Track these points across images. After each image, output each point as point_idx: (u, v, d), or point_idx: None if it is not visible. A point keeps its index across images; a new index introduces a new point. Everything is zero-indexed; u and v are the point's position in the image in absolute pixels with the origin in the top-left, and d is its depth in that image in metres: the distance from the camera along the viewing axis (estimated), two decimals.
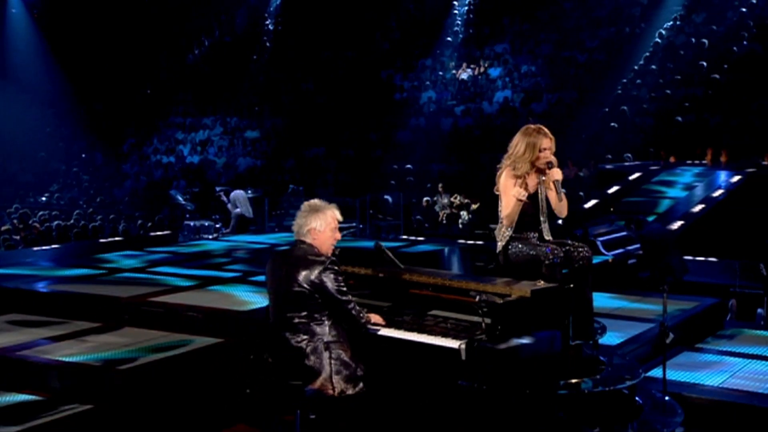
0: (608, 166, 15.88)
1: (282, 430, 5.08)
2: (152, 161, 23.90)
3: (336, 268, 4.56)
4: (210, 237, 13.18)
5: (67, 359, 6.47)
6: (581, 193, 15.69)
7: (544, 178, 5.38)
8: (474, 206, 17.05)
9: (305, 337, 4.55)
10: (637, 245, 9.73)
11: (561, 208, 5.33)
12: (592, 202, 13.77)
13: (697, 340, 7.11)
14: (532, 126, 5.55)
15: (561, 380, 4.82)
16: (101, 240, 12.81)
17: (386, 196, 17.91)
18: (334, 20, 25.88)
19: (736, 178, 13.39)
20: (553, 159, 5.40)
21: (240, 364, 6.27)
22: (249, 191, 15.56)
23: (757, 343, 7.01)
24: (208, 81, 26.09)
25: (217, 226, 14.38)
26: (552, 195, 5.34)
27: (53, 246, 12.01)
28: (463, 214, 17.17)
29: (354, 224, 14.84)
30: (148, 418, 5.84)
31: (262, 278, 8.90)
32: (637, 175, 14.34)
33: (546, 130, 5.47)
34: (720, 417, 5.48)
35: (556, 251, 4.93)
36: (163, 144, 24.79)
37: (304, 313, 4.56)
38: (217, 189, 15.83)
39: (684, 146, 16.62)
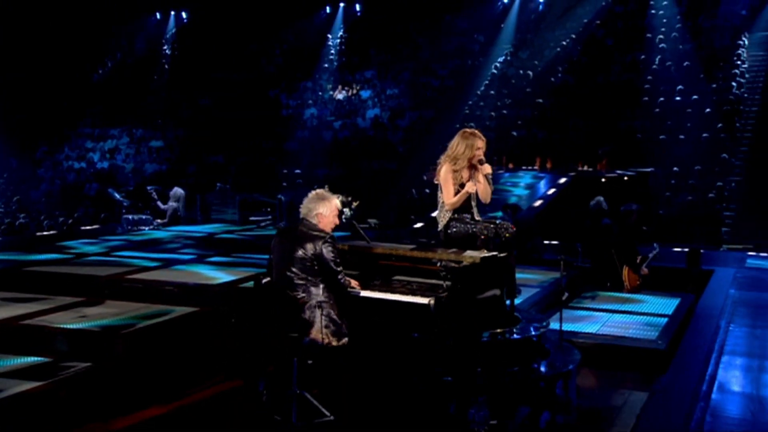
0: None
1: (264, 379, 5.44)
2: (65, 167, 22.98)
3: (334, 242, 5.04)
4: (148, 228, 13.10)
5: (69, 326, 6.56)
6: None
7: (475, 171, 5.82)
8: (354, 204, 17.71)
9: (303, 294, 4.98)
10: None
11: (486, 195, 5.81)
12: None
13: (567, 301, 7.96)
14: (468, 130, 5.88)
15: (497, 329, 5.43)
16: (39, 234, 12.50)
17: (280, 195, 18.25)
18: (224, 47, 25.78)
19: (563, 180, 14.68)
20: (483, 157, 5.77)
21: (221, 327, 6.63)
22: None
23: (611, 301, 8.01)
24: (114, 97, 25.33)
25: (159, 220, 14.22)
26: (481, 185, 5.77)
27: None
28: (346, 210, 17.78)
29: (269, 217, 15.14)
30: (147, 374, 6.06)
31: (217, 259, 9.23)
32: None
33: (479, 133, 5.81)
34: (599, 354, 6.32)
35: (489, 228, 5.60)
36: (74, 151, 23.87)
37: (304, 275, 4.97)
38: (149, 188, 15.63)
39: (519, 155, 17.97)
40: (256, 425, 5.13)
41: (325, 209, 5.14)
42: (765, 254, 12.48)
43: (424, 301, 4.88)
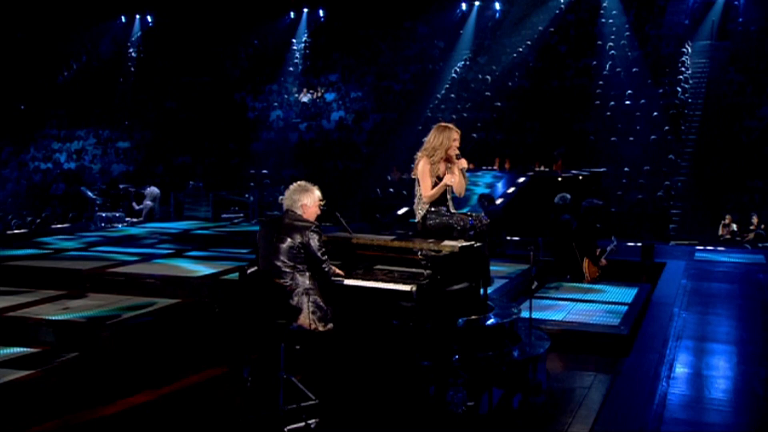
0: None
1: (249, 365, 5.47)
2: (31, 167, 22.45)
3: (320, 232, 5.08)
4: (121, 225, 12.89)
5: (54, 318, 6.48)
6: (404, 192, 16.80)
7: (450, 165, 5.89)
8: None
9: (290, 282, 5.01)
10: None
11: (461, 189, 5.88)
12: (403, 209, 14.02)
13: (536, 290, 8.11)
14: (443, 123, 5.92)
15: (473, 315, 5.53)
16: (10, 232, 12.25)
17: (248, 195, 18.16)
18: (189, 50, 25.53)
19: (521, 179, 14.91)
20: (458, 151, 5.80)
21: (204, 317, 6.62)
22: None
23: (574, 291, 8.21)
24: (80, 99, 24.86)
25: (133, 219, 14.01)
26: (456, 179, 5.78)
27: None
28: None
29: (241, 214, 15.09)
30: (134, 363, 6.04)
31: (195, 253, 9.16)
32: None
33: (454, 126, 5.85)
34: (566, 340, 6.48)
35: (465, 219, 5.71)
36: (40, 152, 23.33)
37: (291, 264, 5.00)
38: (121, 186, 15.40)
39: (479, 156, 18.20)
40: (242, 410, 5.14)
41: (308, 200, 5.18)
42: (711, 248, 12.90)
43: (406, 288, 4.95)
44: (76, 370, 5.83)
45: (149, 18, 28.18)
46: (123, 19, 28.22)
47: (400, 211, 13.33)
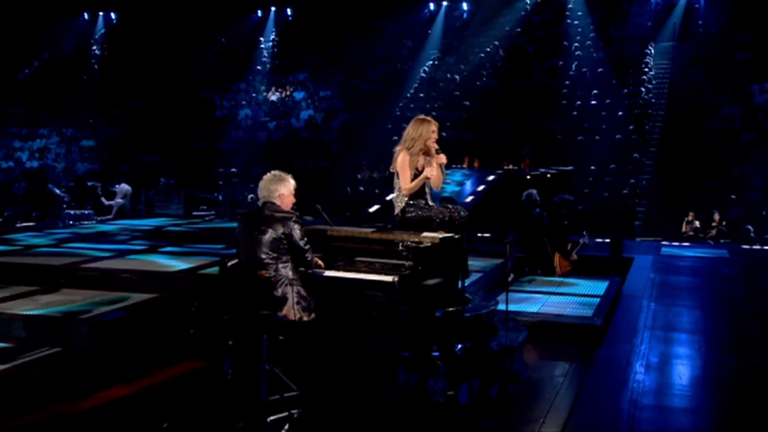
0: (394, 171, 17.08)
1: (229, 358, 5.48)
2: None
3: (301, 221, 5.09)
4: (91, 222, 12.70)
5: (28, 312, 6.39)
6: (376, 190, 16.88)
7: (429, 158, 5.96)
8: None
9: (273, 273, 5.02)
10: None
11: (439, 183, 5.96)
12: (375, 207, 14.13)
13: (512, 283, 8.20)
14: (421, 116, 5.94)
15: (451, 307, 5.59)
16: None
17: (217, 194, 18.05)
18: (155, 49, 25.23)
19: (491, 177, 15.05)
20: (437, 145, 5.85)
21: (182, 311, 6.59)
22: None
23: (547, 285, 8.35)
24: (42, 97, 24.38)
25: (105, 216, 13.81)
26: (434, 172, 5.79)
27: None
28: None
29: (212, 212, 15.02)
30: (111, 357, 6.00)
31: (170, 249, 9.08)
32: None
33: (432, 119, 5.90)
34: (542, 331, 6.60)
35: (444, 211, 5.78)
36: (1, 151, 22.83)
37: (274, 255, 5.01)
38: (89, 183, 15.17)
39: (447, 155, 18.31)
40: (223, 401, 5.15)
41: (285, 189, 5.20)
42: (676, 244, 13.24)
43: (388, 278, 5.00)
44: (52, 364, 5.76)
45: (113, 15, 27.79)
46: (86, 16, 27.78)
47: (372, 209, 13.39)
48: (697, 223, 15.35)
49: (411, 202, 5.86)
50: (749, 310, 8.10)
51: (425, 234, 5.40)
